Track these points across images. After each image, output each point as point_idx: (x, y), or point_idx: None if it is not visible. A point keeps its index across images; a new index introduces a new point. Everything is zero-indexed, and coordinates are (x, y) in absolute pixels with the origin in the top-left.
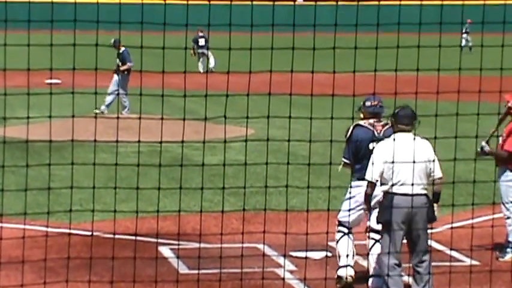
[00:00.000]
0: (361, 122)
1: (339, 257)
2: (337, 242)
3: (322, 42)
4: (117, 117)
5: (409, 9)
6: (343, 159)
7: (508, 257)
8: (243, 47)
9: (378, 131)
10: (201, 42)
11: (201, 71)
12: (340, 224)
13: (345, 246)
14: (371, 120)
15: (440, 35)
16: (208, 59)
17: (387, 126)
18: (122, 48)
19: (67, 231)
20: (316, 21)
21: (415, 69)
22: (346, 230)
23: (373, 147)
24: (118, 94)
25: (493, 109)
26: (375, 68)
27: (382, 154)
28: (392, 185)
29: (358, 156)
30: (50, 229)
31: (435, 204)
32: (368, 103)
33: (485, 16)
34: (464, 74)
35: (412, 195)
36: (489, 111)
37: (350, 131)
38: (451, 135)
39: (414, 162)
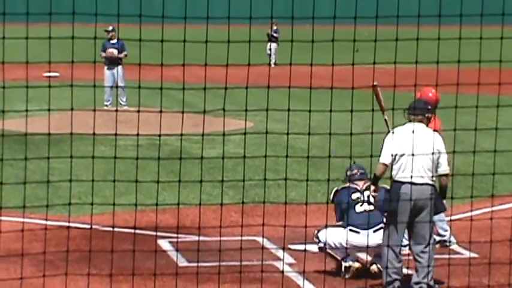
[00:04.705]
0: (343, 185)
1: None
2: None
3: (321, 35)
4: (116, 110)
5: (409, 1)
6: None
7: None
8: (242, 39)
9: (360, 186)
10: (274, 34)
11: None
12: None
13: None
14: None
15: (440, 27)
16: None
17: (368, 183)
18: (114, 40)
19: (66, 224)
20: (315, 14)
21: (414, 62)
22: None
23: (357, 197)
24: (117, 87)
25: (492, 101)
26: (373, 61)
27: (392, 141)
28: (401, 173)
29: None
30: (49, 222)
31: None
32: (349, 173)
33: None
34: (464, 67)
35: (419, 184)
36: (488, 103)
37: (332, 195)
38: (450, 128)
39: (423, 154)
